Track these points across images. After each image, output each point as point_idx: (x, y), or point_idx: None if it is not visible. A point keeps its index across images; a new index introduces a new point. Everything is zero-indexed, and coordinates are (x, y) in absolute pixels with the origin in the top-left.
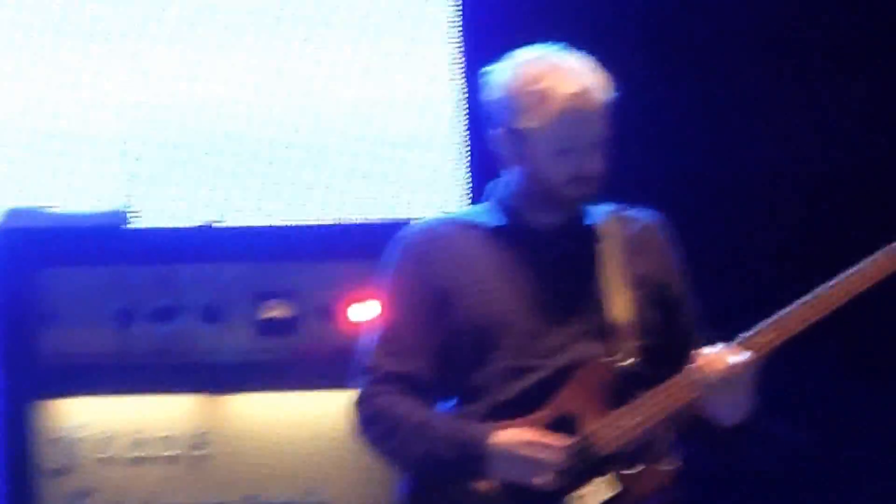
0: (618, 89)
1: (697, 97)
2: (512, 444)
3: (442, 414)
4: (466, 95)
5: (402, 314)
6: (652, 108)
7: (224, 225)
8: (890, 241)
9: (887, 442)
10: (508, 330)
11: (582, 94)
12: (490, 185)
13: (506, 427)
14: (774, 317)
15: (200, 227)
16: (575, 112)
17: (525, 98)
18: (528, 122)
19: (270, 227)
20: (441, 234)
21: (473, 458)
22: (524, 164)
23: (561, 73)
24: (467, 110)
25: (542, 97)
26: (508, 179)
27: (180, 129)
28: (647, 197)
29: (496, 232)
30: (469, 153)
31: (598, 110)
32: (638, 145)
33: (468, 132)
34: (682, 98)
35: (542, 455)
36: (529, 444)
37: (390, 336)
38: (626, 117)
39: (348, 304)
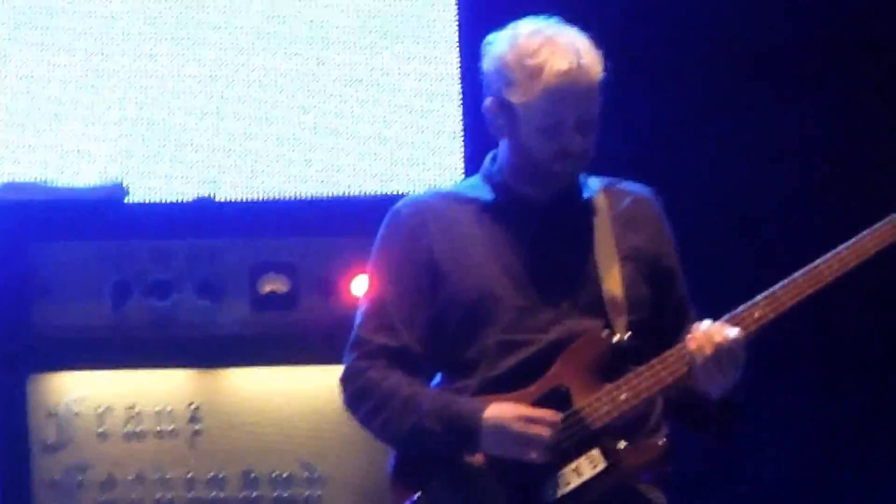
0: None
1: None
2: (504, 418)
3: (432, 388)
4: (465, 69)
5: (392, 288)
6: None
7: (221, 199)
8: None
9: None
10: (500, 305)
11: (572, 73)
12: (486, 159)
13: (497, 401)
14: (767, 292)
15: (197, 201)
16: (564, 90)
17: (516, 72)
18: (517, 96)
19: (268, 201)
20: (433, 209)
21: (465, 432)
22: (512, 138)
23: (554, 49)
24: (466, 84)
25: (533, 73)
26: (500, 153)
27: (178, 103)
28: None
29: (488, 206)
30: (466, 127)
31: (589, 89)
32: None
33: (467, 106)
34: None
35: (533, 430)
36: (521, 418)
37: (380, 310)
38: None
39: (348, 278)
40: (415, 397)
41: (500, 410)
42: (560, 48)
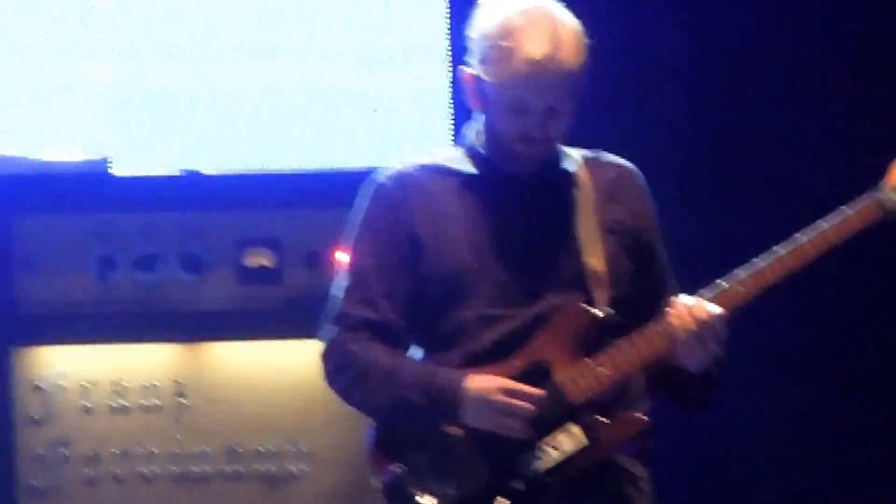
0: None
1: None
2: (486, 390)
3: (413, 360)
4: (454, 40)
5: (373, 261)
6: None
7: (207, 173)
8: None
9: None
10: (481, 279)
11: (544, 62)
12: (467, 129)
13: (478, 374)
14: (749, 267)
15: (183, 174)
16: (533, 78)
17: (492, 50)
18: (488, 74)
19: (254, 174)
20: (415, 181)
21: (446, 404)
22: (484, 111)
23: (532, 34)
24: (455, 56)
25: (506, 55)
26: (478, 125)
27: (163, 77)
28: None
29: (470, 180)
30: (455, 100)
31: (562, 78)
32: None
33: (455, 78)
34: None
35: (515, 403)
36: (503, 390)
37: (361, 283)
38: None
39: (334, 252)
40: (396, 369)
41: (482, 383)
42: (538, 34)
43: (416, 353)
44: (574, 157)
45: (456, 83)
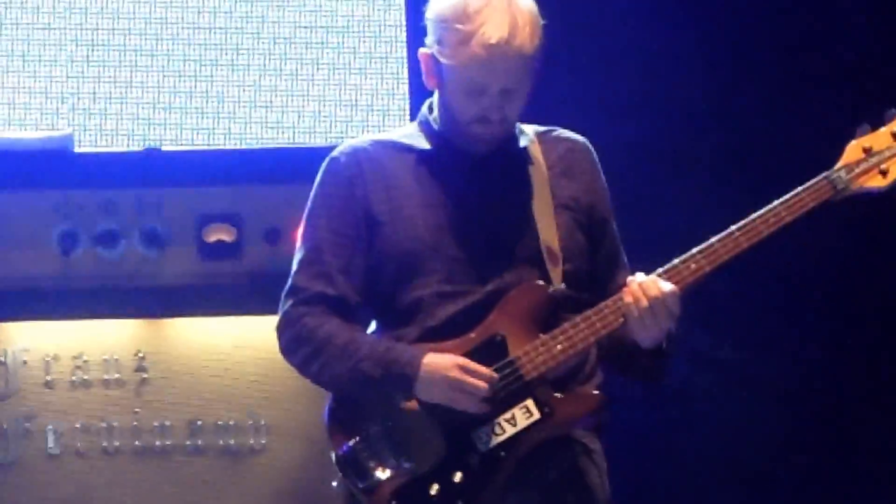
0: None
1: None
2: (441, 366)
3: (369, 334)
4: (411, 14)
5: (329, 237)
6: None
7: (168, 149)
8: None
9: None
10: (436, 255)
11: (501, 46)
12: (423, 106)
13: (435, 350)
14: (703, 245)
15: (144, 151)
16: (491, 61)
17: (449, 33)
18: (446, 57)
19: (214, 151)
20: (370, 157)
21: (401, 378)
22: (441, 92)
23: (489, 19)
24: (411, 32)
25: (463, 39)
26: (435, 103)
27: (126, 55)
28: None
29: (425, 156)
30: (412, 76)
31: (518, 61)
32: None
33: (412, 54)
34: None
35: (470, 380)
36: (459, 367)
37: (316, 258)
38: None
39: (293, 228)
40: (353, 343)
41: (438, 358)
42: (496, 18)
43: (372, 327)
44: (527, 134)
45: (413, 61)
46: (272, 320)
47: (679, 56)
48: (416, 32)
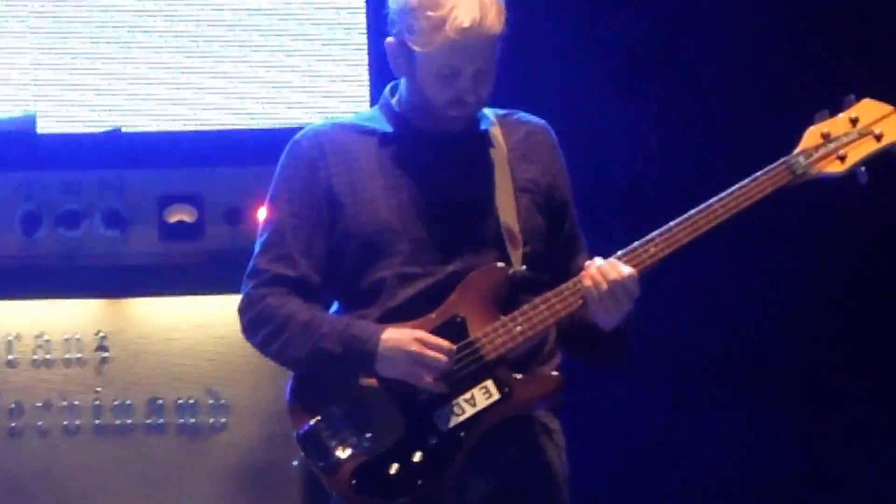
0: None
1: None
2: (401, 341)
3: (330, 314)
4: (371, 4)
5: (291, 219)
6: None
7: (129, 130)
8: None
9: None
10: (398, 237)
11: (473, 28)
12: (385, 90)
13: (395, 328)
14: (663, 228)
15: (106, 133)
16: (464, 45)
17: (419, 21)
18: (417, 45)
19: (175, 132)
20: (332, 140)
21: (361, 354)
22: (411, 79)
23: (459, 2)
24: (371, 13)
25: (435, 25)
26: (400, 87)
27: (88, 36)
28: None
29: (387, 139)
30: (372, 57)
31: (489, 42)
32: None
33: (372, 35)
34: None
35: (429, 354)
36: (418, 341)
37: (278, 241)
38: None
39: (254, 208)
40: (313, 321)
41: (397, 333)
42: (465, 2)
43: (333, 308)
44: (488, 117)
45: (374, 45)
46: (233, 300)
47: (644, 39)
48: (376, 17)
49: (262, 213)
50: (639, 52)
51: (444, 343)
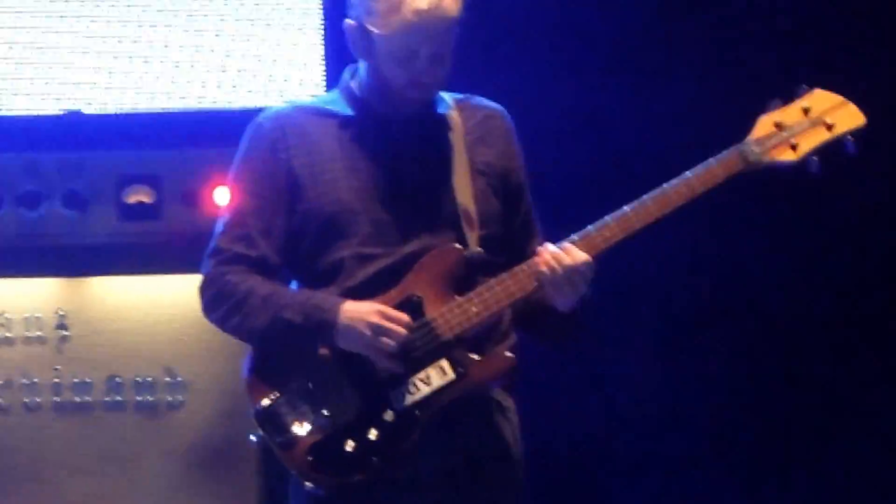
0: None
1: None
2: (361, 311)
3: (290, 288)
4: None
5: (251, 200)
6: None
7: (89, 112)
8: None
9: None
10: (357, 218)
11: (430, 11)
12: (344, 73)
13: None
14: (617, 213)
15: (66, 114)
16: (421, 27)
17: (377, 3)
18: (376, 27)
19: (133, 114)
20: (293, 122)
21: (323, 323)
22: (370, 61)
23: None
24: (328, 3)
25: (392, 7)
26: (359, 70)
27: (47, 19)
28: None
29: (347, 121)
30: (327, 41)
31: (446, 25)
32: None
33: (328, 19)
34: None
35: (388, 324)
36: (379, 312)
37: (239, 221)
38: None
39: (210, 189)
40: (274, 293)
41: (359, 305)
42: None
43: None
44: (446, 101)
45: (329, 28)
46: (190, 279)
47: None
48: (332, 2)
49: (218, 195)
50: (600, 38)
51: (404, 316)
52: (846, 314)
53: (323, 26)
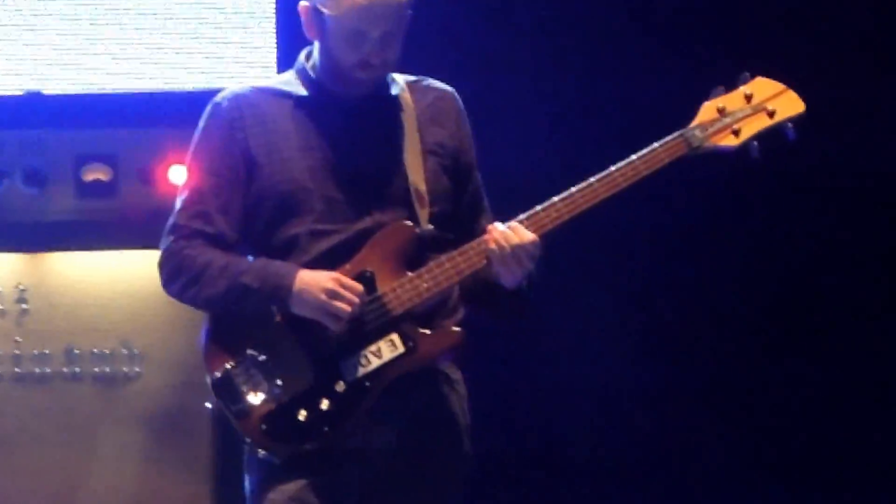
0: None
1: None
2: (317, 277)
3: (247, 258)
4: None
5: (209, 178)
6: None
7: (48, 92)
8: None
9: None
10: (311, 196)
11: None
12: (301, 55)
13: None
14: (565, 194)
15: (25, 94)
16: (370, 9)
17: None
18: (327, 8)
19: (92, 94)
20: (250, 103)
21: (279, 287)
22: (322, 42)
23: None
24: None
25: None
26: (313, 51)
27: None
28: None
29: (302, 102)
30: (280, 24)
31: (395, 7)
32: None
33: (280, 7)
34: None
35: (342, 291)
36: (335, 279)
37: (197, 199)
38: None
39: (166, 168)
40: (232, 262)
41: (315, 273)
42: None
43: None
44: (398, 82)
45: (281, 12)
46: (146, 254)
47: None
48: None
49: (174, 173)
50: (549, 26)
51: (359, 286)
52: (839, 311)
53: (275, 9)
